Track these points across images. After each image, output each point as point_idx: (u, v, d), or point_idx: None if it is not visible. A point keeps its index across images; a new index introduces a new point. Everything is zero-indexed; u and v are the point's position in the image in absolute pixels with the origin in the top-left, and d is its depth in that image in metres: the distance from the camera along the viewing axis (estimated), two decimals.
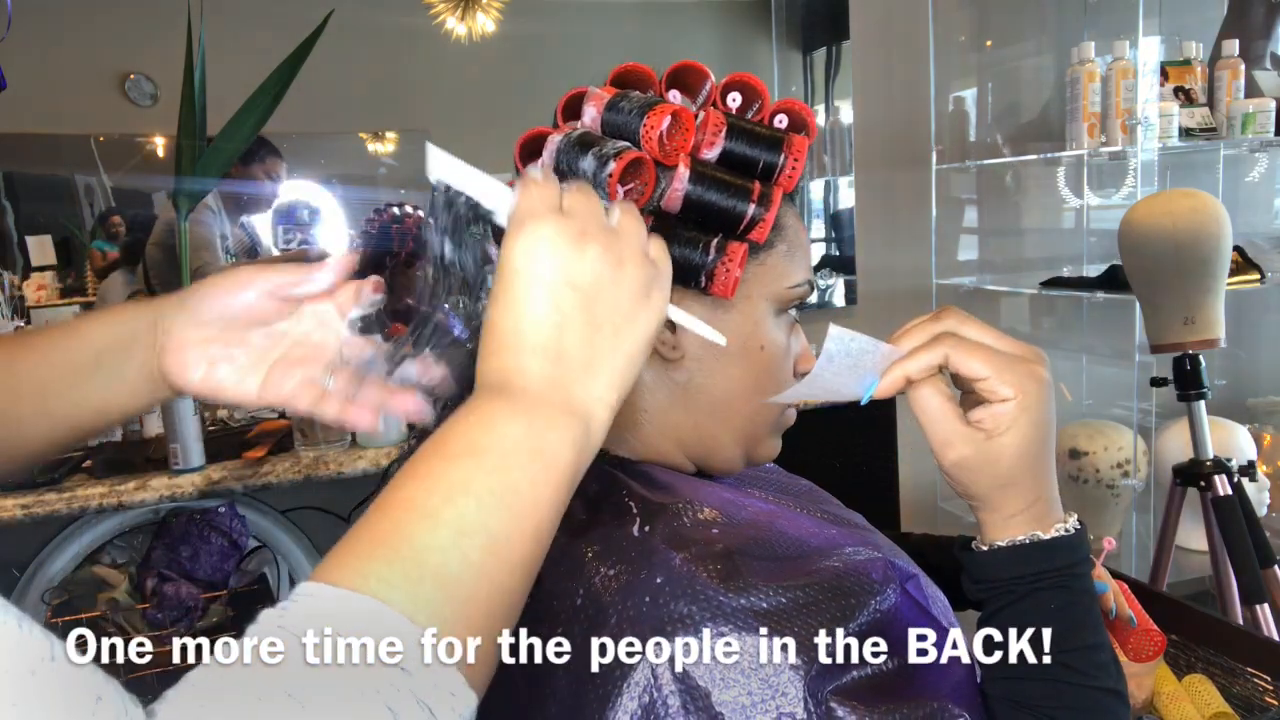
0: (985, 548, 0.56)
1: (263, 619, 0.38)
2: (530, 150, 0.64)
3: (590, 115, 0.62)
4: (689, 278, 0.61)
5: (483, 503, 0.42)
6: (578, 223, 0.47)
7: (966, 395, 0.56)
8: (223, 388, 0.59)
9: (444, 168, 0.51)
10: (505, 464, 0.43)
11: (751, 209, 0.61)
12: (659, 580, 0.51)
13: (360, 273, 0.62)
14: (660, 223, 0.62)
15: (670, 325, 0.64)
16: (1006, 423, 0.52)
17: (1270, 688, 0.97)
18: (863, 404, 0.56)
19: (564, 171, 0.60)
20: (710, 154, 0.63)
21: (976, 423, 0.53)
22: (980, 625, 0.55)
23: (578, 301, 0.46)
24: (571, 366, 0.46)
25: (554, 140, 0.60)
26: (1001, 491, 0.54)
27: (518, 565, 0.43)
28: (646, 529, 0.55)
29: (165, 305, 0.59)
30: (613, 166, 0.58)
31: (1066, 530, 0.55)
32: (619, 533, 0.55)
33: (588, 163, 0.58)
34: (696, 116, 0.62)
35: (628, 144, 0.60)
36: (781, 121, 0.67)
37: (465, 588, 0.40)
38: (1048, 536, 0.55)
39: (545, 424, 0.45)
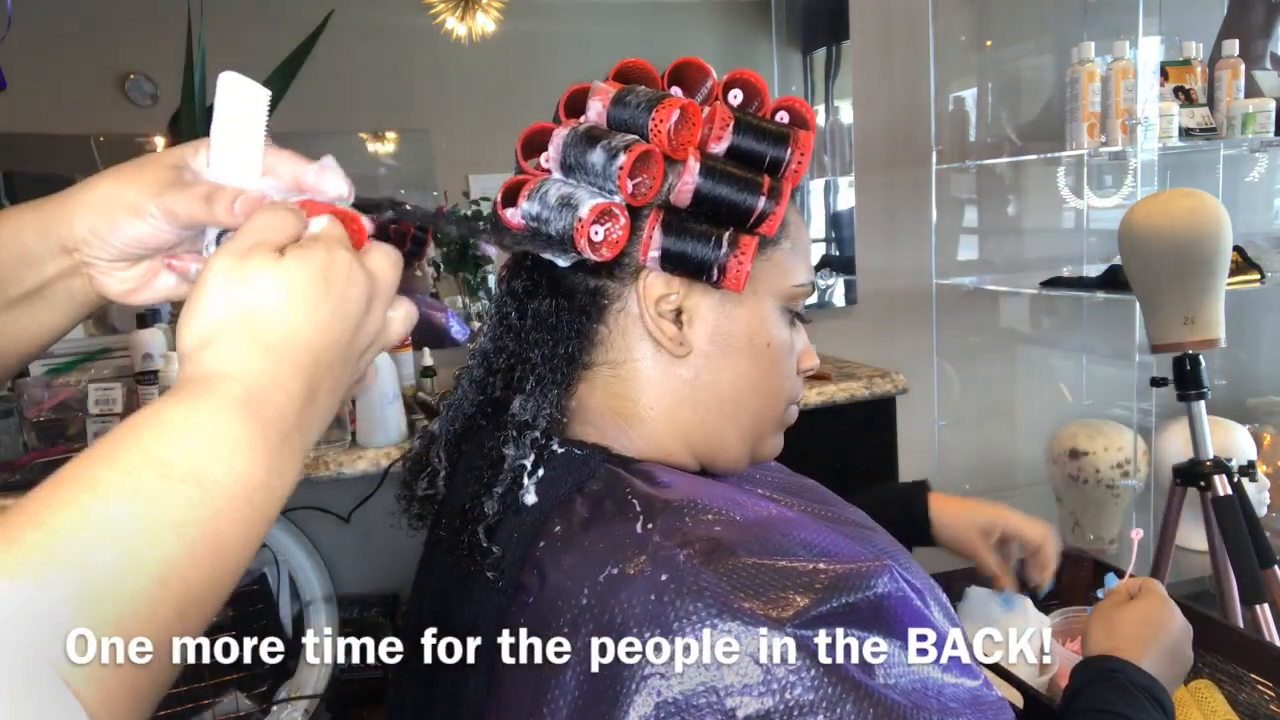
0: None
1: None
2: (533, 146, 0.64)
3: (595, 110, 0.62)
4: (701, 271, 0.61)
5: (194, 555, 0.37)
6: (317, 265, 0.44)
7: None
8: (168, 295, 0.54)
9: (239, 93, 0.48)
10: (231, 510, 0.39)
11: (762, 202, 0.61)
12: (664, 578, 0.51)
13: None
14: (670, 217, 0.62)
15: (677, 321, 0.63)
16: None
17: (1275, 696, 0.96)
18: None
19: (571, 165, 0.60)
20: (718, 148, 0.63)
21: None
22: None
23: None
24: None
25: (560, 134, 0.60)
26: None
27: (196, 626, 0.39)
28: (650, 526, 0.55)
29: (61, 225, 0.51)
30: (623, 159, 0.57)
31: None
32: (622, 530, 0.55)
33: (596, 156, 0.58)
34: (703, 111, 0.62)
35: (637, 137, 0.59)
36: (783, 118, 0.67)
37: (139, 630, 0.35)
38: None
39: (284, 464, 0.42)
